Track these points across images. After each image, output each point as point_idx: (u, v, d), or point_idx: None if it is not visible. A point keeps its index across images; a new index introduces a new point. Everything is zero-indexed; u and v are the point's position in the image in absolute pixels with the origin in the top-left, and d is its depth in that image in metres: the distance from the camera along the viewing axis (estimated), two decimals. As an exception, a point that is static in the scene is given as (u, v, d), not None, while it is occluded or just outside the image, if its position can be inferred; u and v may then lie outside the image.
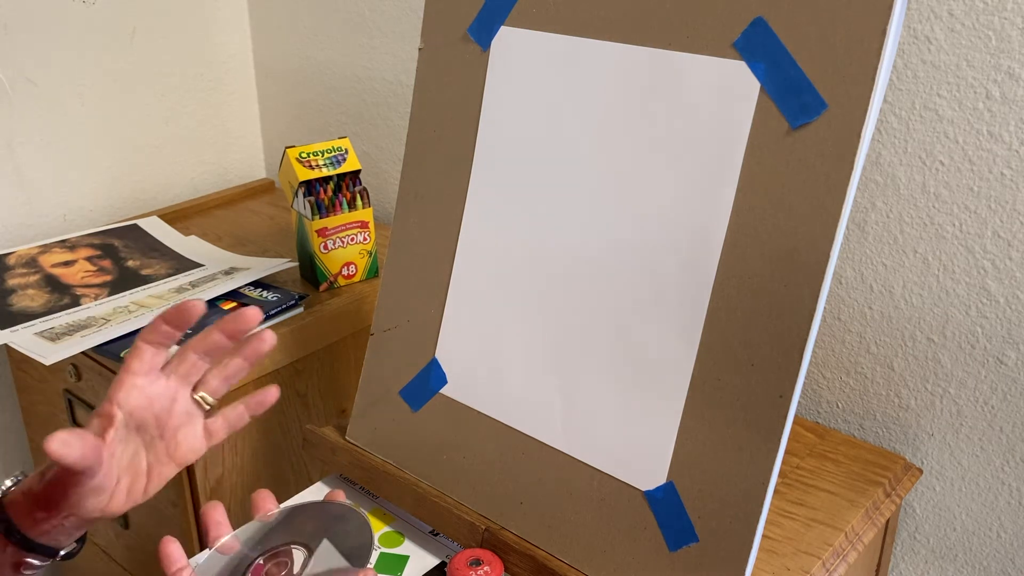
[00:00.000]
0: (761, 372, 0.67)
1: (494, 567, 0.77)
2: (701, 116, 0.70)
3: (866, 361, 0.97)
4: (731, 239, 0.69)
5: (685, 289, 0.71)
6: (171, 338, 0.70)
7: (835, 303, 0.98)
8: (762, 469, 0.67)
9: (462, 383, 0.84)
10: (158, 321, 0.68)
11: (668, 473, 0.72)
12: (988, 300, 0.88)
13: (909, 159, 0.89)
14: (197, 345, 0.72)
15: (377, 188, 1.44)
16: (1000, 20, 0.81)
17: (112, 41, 1.37)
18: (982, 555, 0.95)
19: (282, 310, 1.10)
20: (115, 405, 0.66)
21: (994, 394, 0.90)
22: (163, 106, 1.45)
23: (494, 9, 0.82)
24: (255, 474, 1.10)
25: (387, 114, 1.39)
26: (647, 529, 0.73)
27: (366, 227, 1.17)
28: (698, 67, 0.70)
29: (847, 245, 0.95)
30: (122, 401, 0.67)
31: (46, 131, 1.33)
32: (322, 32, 1.43)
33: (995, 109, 0.83)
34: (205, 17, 1.47)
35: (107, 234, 1.30)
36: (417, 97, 0.88)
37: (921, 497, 0.98)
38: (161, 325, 0.68)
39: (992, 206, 0.85)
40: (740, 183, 0.68)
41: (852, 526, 0.82)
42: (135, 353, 0.68)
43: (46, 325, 1.07)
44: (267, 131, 1.60)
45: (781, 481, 0.87)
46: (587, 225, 0.77)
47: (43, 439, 0.59)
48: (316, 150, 1.15)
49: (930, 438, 0.95)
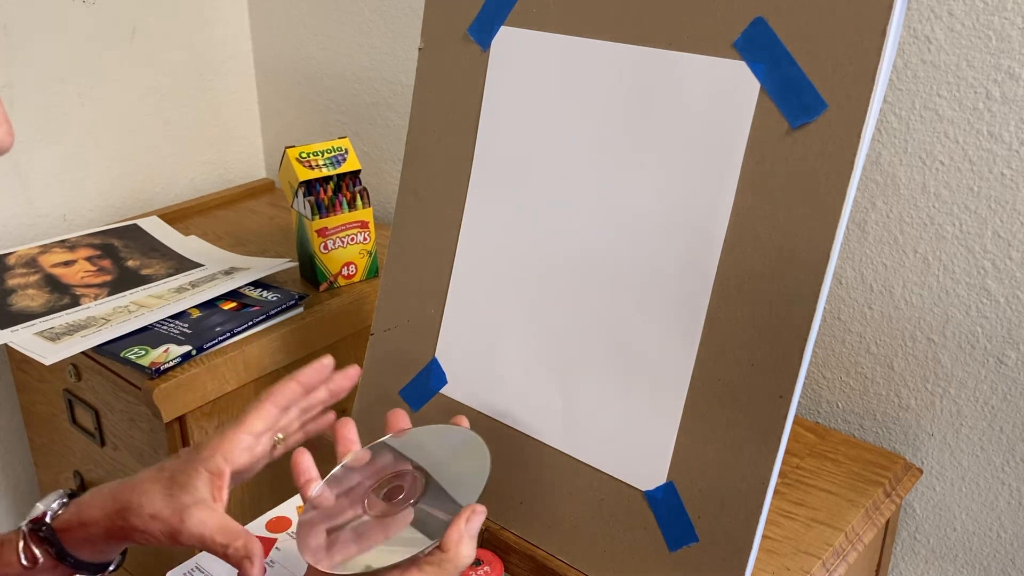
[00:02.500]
0: (761, 372, 0.67)
1: (494, 567, 0.77)
2: (701, 116, 0.70)
3: (866, 361, 0.97)
4: (731, 239, 0.69)
5: (685, 289, 0.71)
6: (299, 399, 0.71)
7: (835, 303, 0.98)
8: (762, 469, 0.67)
9: (462, 383, 0.84)
10: (293, 384, 0.70)
11: (668, 473, 0.72)
12: (988, 300, 0.88)
13: (909, 159, 0.89)
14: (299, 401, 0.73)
15: (377, 188, 1.44)
16: (1000, 20, 0.81)
17: (112, 41, 1.37)
18: (982, 555, 0.95)
19: (282, 310, 1.10)
20: (227, 463, 0.66)
21: (994, 394, 0.90)
22: (163, 106, 1.45)
23: (494, 9, 0.82)
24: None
25: (387, 114, 1.39)
26: (647, 529, 0.73)
27: (366, 227, 1.17)
28: (698, 67, 0.70)
29: (847, 245, 0.95)
30: (234, 460, 0.67)
31: (46, 131, 1.33)
32: (322, 32, 1.43)
33: (995, 109, 0.83)
34: (205, 17, 1.47)
35: (107, 234, 1.30)
36: (417, 97, 0.88)
37: (921, 497, 0.98)
38: (296, 388, 0.70)
39: (992, 206, 0.85)
40: (740, 183, 0.68)
41: (852, 526, 0.82)
42: (259, 414, 0.69)
43: (46, 325, 1.07)
44: (267, 131, 1.60)
45: (781, 481, 0.87)
46: (586, 225, 0.77)
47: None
48: (316, 150, 1.15)
49: (930, 438, 0.95)
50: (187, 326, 1.06)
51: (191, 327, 1.06)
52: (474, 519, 0.61)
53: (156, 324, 1.07)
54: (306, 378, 0.71)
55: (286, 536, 0.85)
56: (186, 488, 0.64)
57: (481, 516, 0.61)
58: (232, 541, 0.61)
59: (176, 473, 0.65)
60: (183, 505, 0.63)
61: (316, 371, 0.72)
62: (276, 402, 0.70)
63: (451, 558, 0.59)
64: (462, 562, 0.59)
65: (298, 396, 0.71)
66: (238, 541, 0.61)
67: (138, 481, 0.66)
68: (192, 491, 0.63)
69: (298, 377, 0.71)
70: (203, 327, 1.06)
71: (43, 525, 0.65)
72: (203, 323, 1.07)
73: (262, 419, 0.69)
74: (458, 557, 0.59)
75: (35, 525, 0.66)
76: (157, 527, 0.63)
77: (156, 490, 0.64)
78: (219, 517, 0.62)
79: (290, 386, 0.71)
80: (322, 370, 0.72)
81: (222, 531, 0.61)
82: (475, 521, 0.60)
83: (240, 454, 0.67)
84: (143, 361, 1.00)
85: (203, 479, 0.65)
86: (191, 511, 0.62)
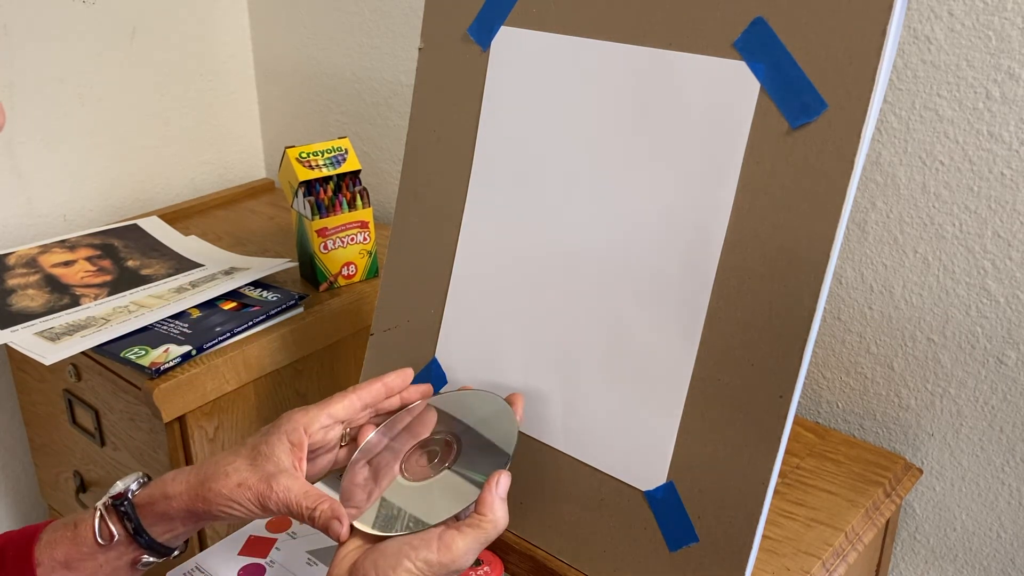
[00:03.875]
0: (761, 372, 0.67)
1: (494, 567, 0.77)
2: (701, 116, 0.70)
3: (866, 361, 0.97)
4: (731, 239, 0.69)
5: (685, 289, 0.71)
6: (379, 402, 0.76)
7: (835, 303, 0.98)
8: (762, 469, 0.67)
9: (462, 383, 0.84)
10: (379, 386, 0.74)
11: (668, 473, 0.72)
12: (988, 300, 0.88)
13: (909, 159, 0.89)
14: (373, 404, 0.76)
15: (377, 188, 1.44)
16: (1000, 20, 0.81)
17: (112, 41, 1.37)
18: (982, 555, 0.95)
19: (282, 310, 1.10)
20: (307, 436, 0.70)
21: (994, 394, 0.90)
22: (163, 106, 1.45)
23: (494, 9, 0.82)
24: (255, 474, 1.10)
25: (387, 114, 1.39)
26: (647, 529, 0.73)
27: (366, 227, 1.17)
28: (698, 67, 0.70)
29: (847, 245, 0.95)
30: (313, 435, 0.70)
31: (46, 131, 1.33)
32: (322, 32, 1.43)
33: (995, 109, 0.83)
34: (205, 17, 1.47)
35: (107, 234, 1.30)
36: (417, 97, 0.88)
37: (921, 497, 0.98)
38: (380, 390, 0.74)
39: (992, 206, 0.85)
40: (740, 183, 0.68)
41: (852, 526, 0.82)
42: (344, 402, 0.73)
43: (46, 325, 1.07)
44: (267, 131, 1.60)
45: (781, 481, 0.87)
46: (587, 225, 0.77)
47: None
48: (316, 150, 1.15)
49: (930, 438, 0.95)
50: (187, 326, 1.06)
51: (191, 327, 1.06)
52: (503, 482, 0.65)
53: (156, 324, 1.07)
54: (391, 382, 0.75)
55: (286, 536, 0.85)
56: (270, 458, 0.68)
57: (508, 480, 0.66)
58: (318, 505, 0.65)
59: (259, 444, 0.69)
60: (268, 474, 0.67)
61: (400, 378, 0.76)
62: (361, 398, 0.73)
63: (490, 520, 0.64)
64: (500, 524, 0.64)
65: (380, 399, 0.75)
66: (323, 504, 0.65)
67: (221, 456, 0.69)
68: (276, 461, 0.67)
69: (385, 380, 0.75)
70: (203, 327, 1.06)
71: (124, 500, 0.69)
72: (203, 323, 1.07)
73: (344, 409, 0.72)
74: (496, 520, 0.64)
75: (116, 501, 0.69)
76: (245, 495, 0.66)
77: (241, 461, 0.68)
78: (302, 484, 0.67)
79: (376, 387, 0.74)
80: (405, 378, 0.76)
81: (307, 496, 0.66)
82: (503, 484, 0.65)
83: (317, 431, 0.71)
84: (143, 361, 1.00)
85: (285, 449, 0.68)
86: (277, 479, 0.66)
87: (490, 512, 0.64)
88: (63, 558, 0.68)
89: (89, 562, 0.68)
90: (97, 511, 0.69)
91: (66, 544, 0.68)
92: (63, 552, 0.68)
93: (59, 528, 0.69)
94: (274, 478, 0.66)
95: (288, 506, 0.66)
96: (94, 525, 0.68)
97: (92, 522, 0.68)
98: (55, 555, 0.68)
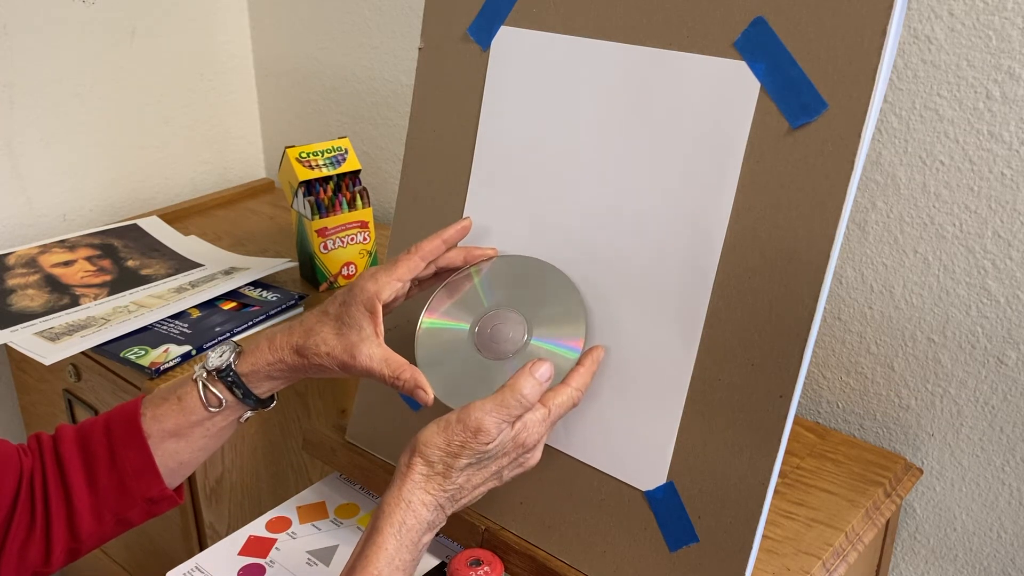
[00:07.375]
0: (761, 372, 0.67)
1: (494, 567, 0.76)
2: (701, 116, 0.70)
3: (866, 361, 0.97)
4: (731, 239, 0.69)
5: (685, 289, 0.71)
6: (439, 255, 0.79)
7: (835, 303, 0.98)
8: (762, 469, 0.67)
9: (462, 383, 0.84)
10: (438, 242, 0.78)
11: (668, 473, 0.72)
12: (988, 300, 0.88)
13: (909, 159, 0.89)
14: (434, 257, 0.80)
15: (377, 188, 1.44)
16: (1000, 20, 0.81)
17: (112, 41, 1.37)
18: (982, 555, 0.95)
19: (282, 310, 1.10)
20: (379, 301, 0.75)
21: (994, 394, 0.90)
22: (163, 106, 1.45)
23: (494, 9, 0.82)
24: (254, 473, 1.09)
25: (387, 114, 1.39)
26: (647, 529, 0.73)
27: (366, 227, 1.17)
28: (698, 67, 0.70)
29: (847, 245, 0.95)
30: (384, 300, 0.75)
31: (46, 131, 1.33)
32: (322, 32, 1.43)
33: (995, 109, 0.83)
34: (205, 17, 1.47)
35: (107, 234, 1.30)
36: (417, 97, 0.88)
37: (921, 497, 0.98)
38: (440, 245, 0.78)
39: (992, 206, 0.85)
40: (740, 183, 0.68)
41: (852, 526, 0.82)
42: (408, 264, 0.77)
43: (46, 325, 1.07)
44: (267, 131, 1.60)
45: (781, 481, 0.87)
46: (587, 225, 0.77)
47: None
48: (316, 150, 1.15)
49: (930, 438, 0.95)
50: (187, 326, 1.06)
51: (191, 327, 1.06)
52: (539, 366, 0.70)
53: (156, 324, 1.07)
54: (449, 236, 0.78)
55: (286, 536, 0.85)
56: (352, 327, 0.74)
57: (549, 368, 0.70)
58: (399, 372, 0.72)
59: (341, 315, 0.75)
60: (352, 343, 0.73)
61: (458, 231, 0.79)
62: (423, 255, 0.77)
63: (509, 385, 0.69)
64: (522, 393, 0.68)
65: (440, 252, 0.79)
66: (405, 372, 0.72)
67: (308, 325, 0.76)
68: (358, 329, 0.74)
69: (442, 235, 0.78)
70: (203, 327, 1.06)
71: (230, 372, 0.76)
72: (203, 323, 1.07)
73: (409, 270, 0.77)
74: (518, 388, 0.68)
75: (221, 374, 0.76)
76: (332, 362, 0.74)
77: (327, 332, 0.75)
78: (383, 351, 0.73)
79: (435, 243, 0.78)
80: (463, 231, 0.80)
81: (387, 363, 0.72)
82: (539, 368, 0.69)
83: (388, 294, 0.75)
84: (143, 361, 1.00)
85: (366, 318, 0.74)
86: (359, 347, 0.73)
87: (515, 381, 0.68)
88: (172, 427, 0.76)
89: (198, 428, 0.77)
90: (199, 382, 0.76)
91: (174, 416, 0.76)
92: (172, 423, 0.76)
93: (160, 403, 0.77)
94: (356, 347, 0.73)
95: (370, 372, 0.73)
96: (201, 396, 0.76)
97: (197, 392, 0.76)
98: (164, 427, 0.76)
